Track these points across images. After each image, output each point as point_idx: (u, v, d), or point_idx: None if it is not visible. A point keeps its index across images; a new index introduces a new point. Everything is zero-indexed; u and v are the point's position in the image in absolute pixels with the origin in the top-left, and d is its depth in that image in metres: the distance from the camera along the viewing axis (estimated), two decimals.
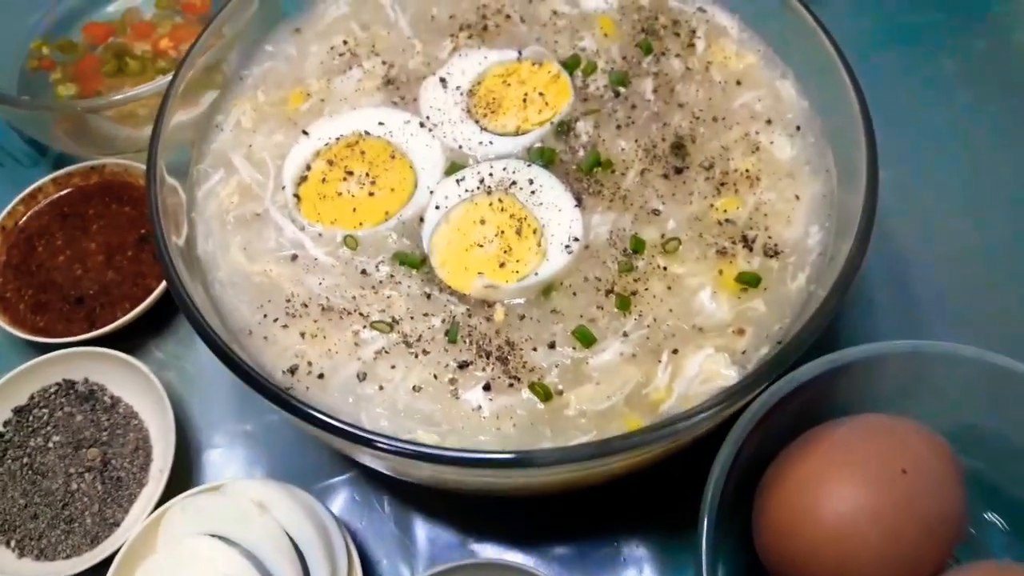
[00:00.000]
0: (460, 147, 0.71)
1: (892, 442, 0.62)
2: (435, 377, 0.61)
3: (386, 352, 0.62)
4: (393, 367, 0.62)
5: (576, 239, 0.66)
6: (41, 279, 0.84)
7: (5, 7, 1.02)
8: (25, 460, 0.75)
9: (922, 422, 0.64)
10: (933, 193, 0.87)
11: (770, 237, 0.66)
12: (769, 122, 0.72)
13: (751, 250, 0.66)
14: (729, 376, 0.60)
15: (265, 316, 0.64)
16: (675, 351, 0.62)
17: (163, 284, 0.81)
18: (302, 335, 0.63)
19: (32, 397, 0.78)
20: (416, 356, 0.62)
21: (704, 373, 0.61)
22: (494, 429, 0.59)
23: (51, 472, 0.75)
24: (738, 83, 0.75)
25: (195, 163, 0.71)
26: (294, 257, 0.66)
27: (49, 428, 0.77)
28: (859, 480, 0.61)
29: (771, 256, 0.66)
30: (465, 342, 0.62)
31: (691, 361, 0.61)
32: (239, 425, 0.79)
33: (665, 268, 0.65)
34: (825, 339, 0.60)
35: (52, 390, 0.78)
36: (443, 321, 0.63)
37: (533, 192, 0.68)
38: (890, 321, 0.81)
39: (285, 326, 0.64)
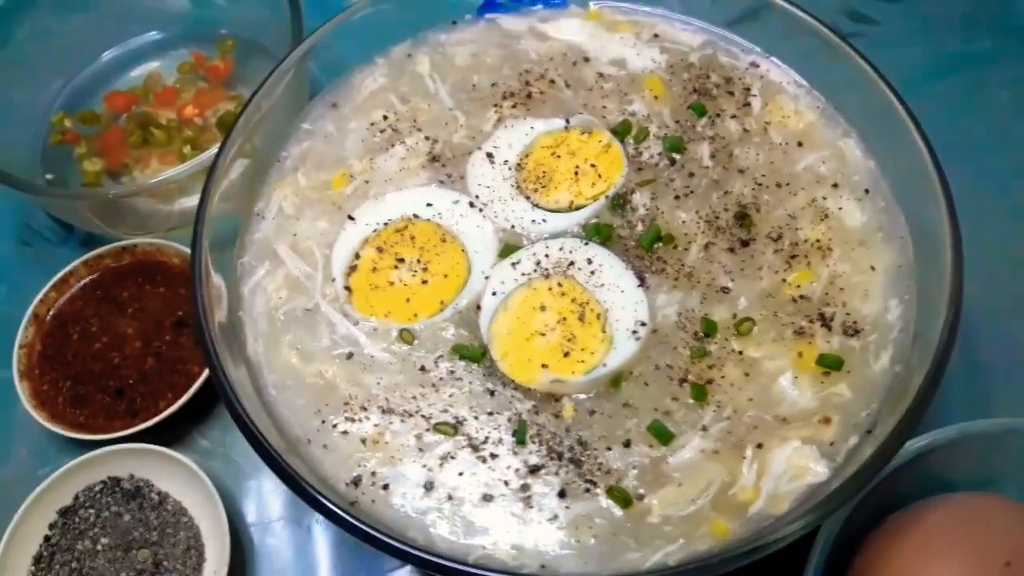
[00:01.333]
0: (513, 227, 0.68)
1: (990, 531, 0.59)
2: (505, 484, 0.58)
3: (452, 457, 0.59)
4: (460, 474, 0.58)
5: (643, 323, 0.62)
6: (78, 369, 0.81)
7: (24, 79, 0.99)
8: (74, 565, 0.73)
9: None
10: (995, 236, 0.84)
11: (848, 314, 0.63)
12: (836, 186, 0.69)
13: (830, 329, 0.62)
14: (819, 472, 0.57)
15: (323, 422, 0.61)
16: (759, 445, 0.59)
17: (205, 372, 0.78)
18: (363, 442, 0.60)
19: (77, 497, 0.75)
20: (484, 460, 0.59)
21: (792, 469, 0.57)
22: (573, 541, 0.56)
23: None
24: (800, 144, 0.71)
25: (238, 256, 0.68)
26: (350, 356, 0.63)
27: (96, 530, 0.74)
28: None
29: (851, 335, 0.62)
30: (534, 443, 0.59)
31: (777, 456, 0.58)
32: (294, 518, 0.76)
33: (741, 352, 0.62)
34: None
35: (97, 488, 0.75)
36: (509, 420, 0.60)
37: (592, 272, 0.65)
38: (957, 381, 0.77)
39: (345, 432, 0.61)
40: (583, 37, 0.79)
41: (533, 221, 0.68)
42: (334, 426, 0.61)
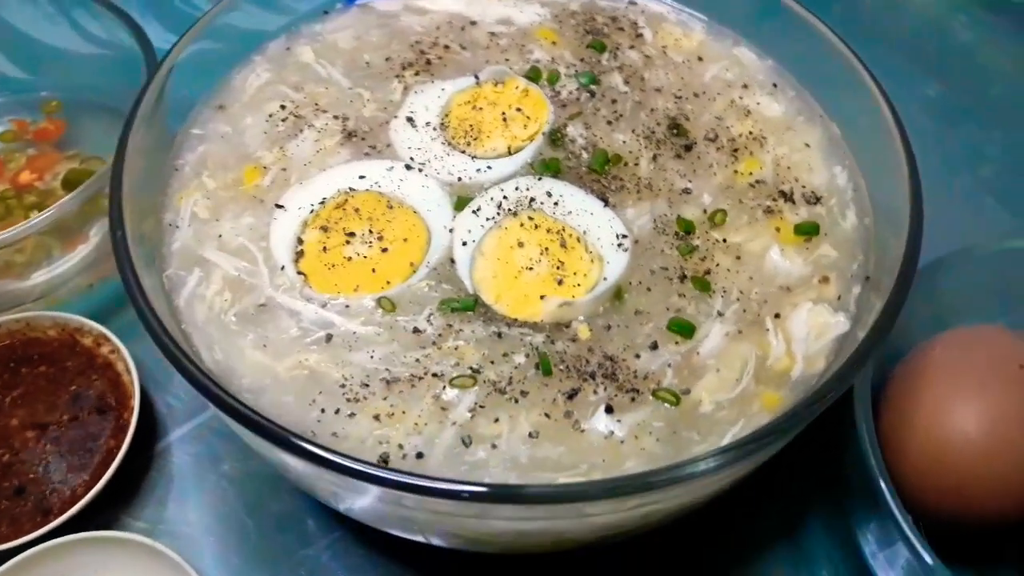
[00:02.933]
0: (459, 179, 0.64)
1: (999, 346, 0.61)
2: (548, 416, 0.53)
3: (481, 407, 0.53)
4: (496, 420, 0.52)
5: (624, 236, 0.60)
6: None
7: None
8: None
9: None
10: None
11: (804, 187, 0.65)
12: (746, 87, 0.72)
13: (794, 203, 0.64)
14: (839, 323, 0.57)
15: (323, 411, 0.53)
16: (776, 315, 0.58)
17: (127, 441, 0.66)
18: (376, 418, 0.52)
19: None
20: (516, 401, 0.53)
21: (814, 329, 0.57)
22: (638, 450, 0.52)
23: None
24: (700, 59, 0.74)
25: (160, 271, 0.59)
26: (328, 338, 0.56)
27: None
28: (983, 392, 0.59)
29: (814, 203, 0.64)
30: (562, 370, 0.55)
31: (795, 321, 0.58)
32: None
33: (724, 240, 0.61)
34: None
35: None
36: (527, 356, 0.55)
37: (556, 203, 0.62)
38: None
39: (352, 415, 0.53)
40: (461, 6, 0.78)
41: (478, 170, 0.65)
42: (336, 412, 0.53)
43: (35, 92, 0.91)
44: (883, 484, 0.54)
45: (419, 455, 0.51)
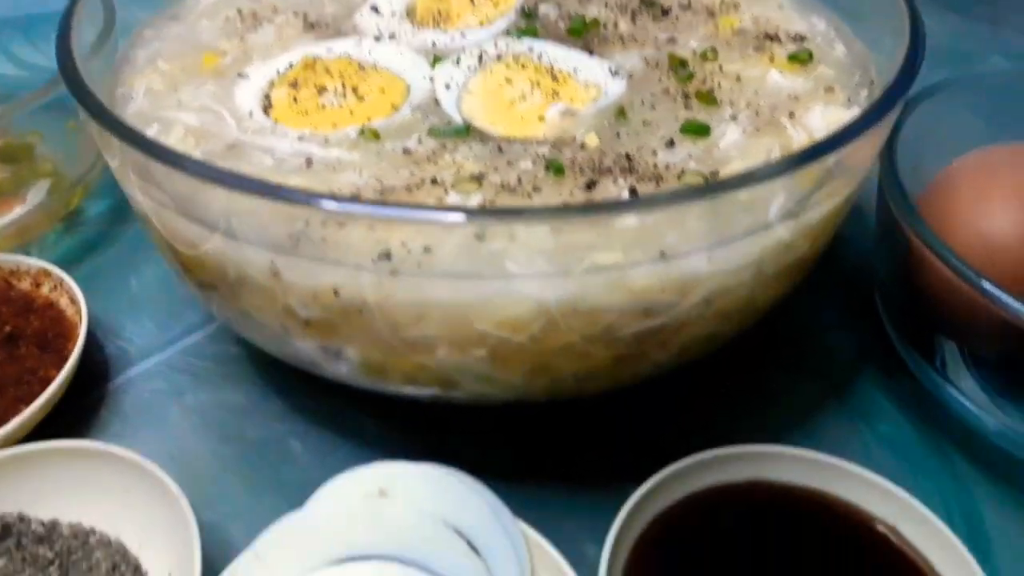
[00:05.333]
0: (434, 44, 0.61)
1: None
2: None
3: (493, 204, 0.47)
4: None
5: (616, 70, 0.57)
6: None
7: None
8: None
9: None
10: None
11: (787, 31, 0.63)
12: None
13: (780, 41, 0.62)
14: (854, 113, 0.54)
15: (307, 224, 0.45)
16: (791, 114, 0.54)
17: (70, 365, 0.56)
18: (371, 227, 0.46)
19: None
20: (529, 196, 0.47)
21: (830, 124, 0.53)
22: (678, 225, 0.45)
23: None
24: None
25: None
26: (309, 163, 0.50)
27: None
28: (1009, 182, 0.56)
29: (800, 40, 0.62)
30: (574, 171, 0.49)
31: (810, 119, 0.54)
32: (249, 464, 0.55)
33: (721, 68, 0.59)
34: None
35: None
36: (533, 163, 0.50)
37: (540, 56, 0.59)
38: None
39: (342, 224, 0.46)
40: None
41: (452, 39, 0.61)
42: (323, 224, 0.46)
43: None
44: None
45: (426, 249, 0.44)
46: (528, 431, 0.56)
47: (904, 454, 0.56)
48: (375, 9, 0.65)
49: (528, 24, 0.63)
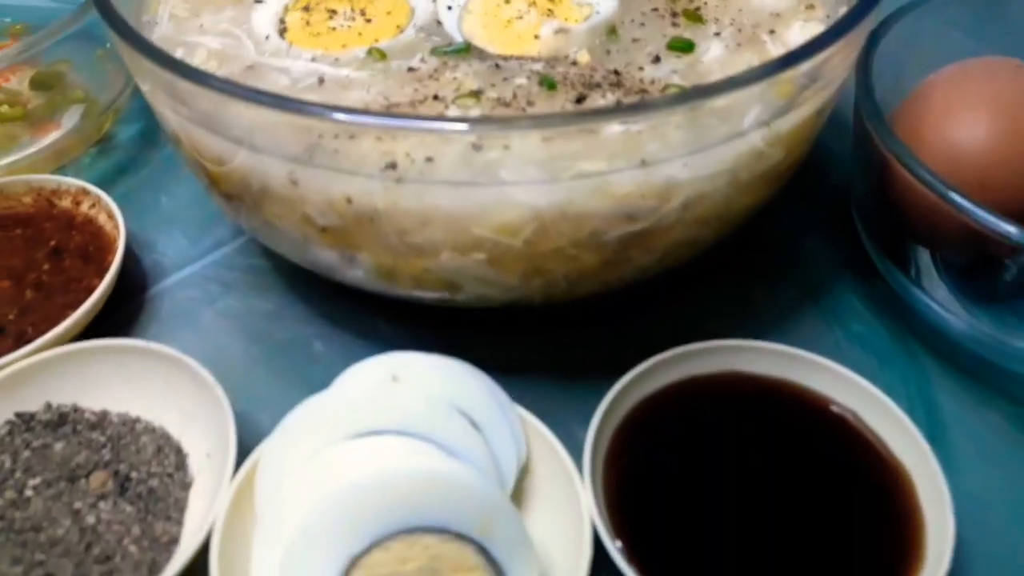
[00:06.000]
0: None
1: (998, 63, 0.61)
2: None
3: (488, 118, 0.51)
4: None
5: None
6: None
7: None
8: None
9: None
10: None
11: None
12: None
13: None
14: None
15: (320, 136, 0.50)
16: (771, 31, 0.57)
17: (112, 272, 0.62)
18: (379, 139, 0.50)
19: None
20: (523, 110, 0.52)
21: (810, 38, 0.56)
22: (659, 136, 0.49)
23: (48, 519, 0.51)
24: None
25: None
26: (320, 81, 0.54)
27: (19, 474, 0.53)
28: (977, 94, 0.59)
29: None
30: (566, 86, 0.53)
31: (791, 35, 0.57)
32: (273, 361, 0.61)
33: None
34: None
35: (3, 433, 0.55)
36: (528, 79, 0.54)
37: None
38: None
39: (352, 136, 0.50)
40: None
41: None
42: (335, 136, 0.50)
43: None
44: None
45: (428, 159, 0.49)
46: (526, 330, 0.61)
47: (874, 350, 0.60)
48: None
49: None
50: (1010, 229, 0.49)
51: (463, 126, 0.45)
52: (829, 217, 0.68)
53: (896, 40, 0.61)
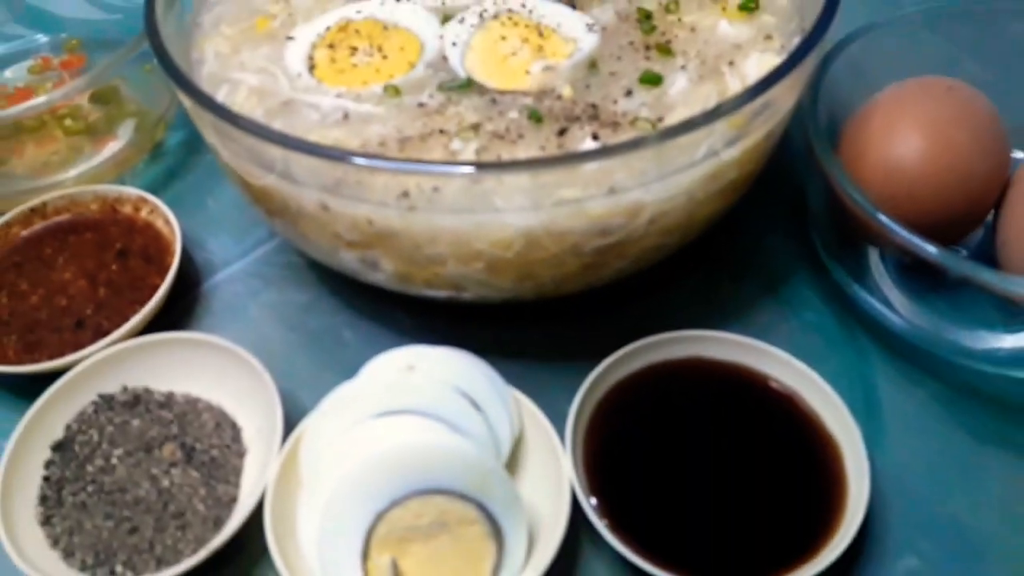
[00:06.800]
0: (444, 3, 0.73)
1: (927, 80, 0.69)
2: (543, 149, 0.61)
3: (486, 149, 0.61)
4: (499, 157, 0.60)
5: (592, 23, 0.69)
6: (20, 323, 0.72)
7: None
8: (90, 488, 0.63)
9: None
10: None
11: None
12: None
13: None
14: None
15: (345, 172, 0.60)
16: (731, 63, 0.66)
17: (172, 273, 0.73)
18: (393, 174, 0.60)
19: (69, 427, 0.66)
20: (514, 143, 0.61)
21: (764, 69, 0.65)
22: (627, 166, 0.59)
23: (130, 482, 0.63)
24: None
25: None
26: (345, 116, 0.64)
27: (106, 446, 0.65)
28: (911, 114, 0.67)
29: None
30: (551, 118, 0.63)
31: (748, 66, 0.66)
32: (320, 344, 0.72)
33: (680, 19, 0.70)
34: None
35: (90, 411, 0.67)
36: (519, 113, 0.63)
37: (530, 11, 0.71)
38: None
39: (371, 171, 0.60)
40: None
41: None
42: (357, 171, 0.60)
43: (57, 34, 1.01)
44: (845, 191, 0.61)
45: (435, 189, 0.59)
46: (520, 322, 0.71)
47: (823, 336, 0.70)
48: None
49: None
50: (932, 248, 0.59)
51: (468, 169, 0.54)
52: (790, 215, 0.77)
53: (848, 62, 0.70)
